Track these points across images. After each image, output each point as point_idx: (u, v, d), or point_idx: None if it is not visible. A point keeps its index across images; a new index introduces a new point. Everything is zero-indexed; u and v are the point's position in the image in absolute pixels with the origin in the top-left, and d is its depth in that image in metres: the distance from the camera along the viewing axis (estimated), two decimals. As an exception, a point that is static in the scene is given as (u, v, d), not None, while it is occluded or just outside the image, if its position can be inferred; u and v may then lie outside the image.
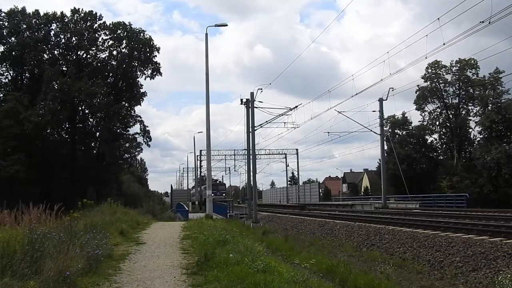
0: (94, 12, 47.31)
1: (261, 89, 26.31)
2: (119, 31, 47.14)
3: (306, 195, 47.71)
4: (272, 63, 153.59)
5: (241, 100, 27.32)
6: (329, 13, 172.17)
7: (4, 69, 46.82)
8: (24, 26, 46.54)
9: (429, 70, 50.02)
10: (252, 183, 27.03)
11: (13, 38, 45.74)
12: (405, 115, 53.87)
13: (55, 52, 47.72)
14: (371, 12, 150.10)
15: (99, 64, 47.90)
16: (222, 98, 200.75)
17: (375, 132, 33.12)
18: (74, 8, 47.02)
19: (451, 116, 51.47)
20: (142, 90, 48.94)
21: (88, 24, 46.75)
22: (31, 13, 46.87)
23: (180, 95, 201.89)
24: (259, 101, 26.73)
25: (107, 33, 47.12)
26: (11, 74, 47.59)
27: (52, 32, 47.47)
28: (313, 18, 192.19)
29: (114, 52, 47.84)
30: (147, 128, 49.15)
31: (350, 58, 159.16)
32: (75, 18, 46.60)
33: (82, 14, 46.74)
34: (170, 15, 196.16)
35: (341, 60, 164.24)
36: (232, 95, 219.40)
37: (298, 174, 58.18)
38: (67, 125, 47.19)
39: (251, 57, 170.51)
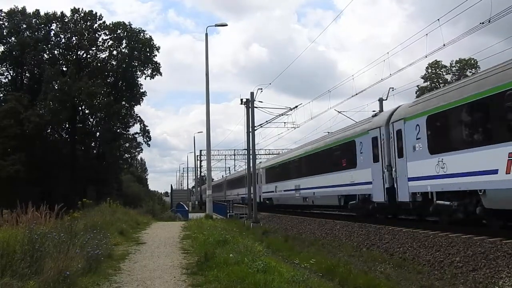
0: (94, 12, 47.35)
1: (261, 89, 26.31)
2: (119, 31, 47.08)
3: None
4: (270, 62, 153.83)
5: (241, 100, 27.32)
6: (326, 13, 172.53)
7: (4, 69, 46.84)
8: (24, 26, 46.50)
9: (429, 70, 50.04)
10: (252, 183, 27.01)
11: (13, 38, 45.69)
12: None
13: (55, 52, 47.68)
14: (367, 12, 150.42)
15: (99, 64, 47.87)
16: (220, 98, 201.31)
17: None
18: (74, 8, 47.02)
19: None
20: (142, 90, 49.04)
21: (88, 24, 46.69)
22: (31, 13, 46.83)
23: (178, 95, 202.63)
24: (259, 101, 26.72)
25: (107, 33, 47.07)
26: (11, 74, 47.58)
27: (52, 32, 47.42)
28: (310, 18, 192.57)
29: (114, 52, 47.81)
30: (147, 128, 49.24)
31: (347, 58, 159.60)
32: (75, 18, 46.56)
33: (82, 14, 46.69)
34: (166, 14, 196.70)
35: (338, 59, 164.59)
36: (230, 95, 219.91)
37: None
38: (67, 125, 47.15)
39: (248, 57, 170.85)
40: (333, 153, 19.70)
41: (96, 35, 46.86)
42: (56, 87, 42.94)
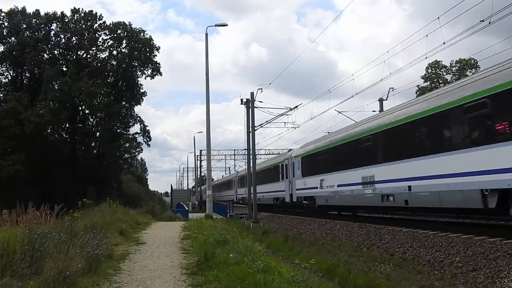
0: (94, 12, 47.42)
1: (261, 89, 26.24)
2: (119, 31, 47.17)
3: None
4: (269, 62, 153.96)
5: (241, 100, 27.31)
6: (326, 13, 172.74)
7: (4, 69, 46.97)
8: (24, 26, 46.59)
9: (429, 70, 50.06)
10: (252, 183, 26.99)
11: (13, 38, 45.78)
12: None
13: (55, 52, 47.77)
14: (367, 12, 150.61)
15: (99, 64, 47.93)
16: (220, 98, 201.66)
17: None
18: (74, 8, 47.15)
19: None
20: (142, 90, 49.10)
21: (88, 24, 46.78)
22: (31, 13, 46.97)
23: (178, 95, 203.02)
24: (259, 101, 26.70)
25: (107, 33, 47.16)
26: (11, 74, 47.67)
27: (52, 32, 47.58)
28: (310, 18, 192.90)
29: (114, 52, 47.91)
30: (147, 128, 49.29)
31: (347, 58, 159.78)
32: (75, 18, 46.65)
33: (82, 14, 46.77)
34: (166, 14, 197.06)
35: (338, 59, 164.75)
36: (230, 95, 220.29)
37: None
38: (67, 125, 47.22)
39: (248, 57, 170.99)
40: (471, 113, 10.93)
41: (96, 35, 46.96)
42: (56, 87, 43.00)
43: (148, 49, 47.57)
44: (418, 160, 12.93)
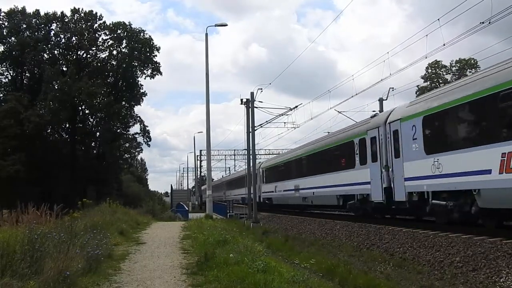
0: (94, 12, 47.42)
1: (261, 89, 26.12)
2: (119, 31, 47.14)
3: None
4: (269, 62, 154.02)
5: (241, 100, 27.30)
6: (326, 13, 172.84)
7: (4, 69, 46.94)
8: (24, 26, 46.57)
9: (429, 70, 50.06)
10: (252, 183, 26.98)
11: (13, 38, 45.76)
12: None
13: (55, 52, 47.75)
14: (367, 12, 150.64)
15: (99, 64, 47.92)
16: (220, 98, 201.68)
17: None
18: (74, 8, 47.15)
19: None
20: (142, 90, 49.09)
21: (88, 24, 46.77)
22: (31, 13, 46.94)
23: (178, 95, 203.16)
24: (259, 101, 26.65)
25: (107, 33, 47.14)
26: (11, 74, 47.65)
27: (52, 32, 47.54)
28: (309, 18, 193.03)
29: (114, 52, 47.89)
30: (147, 128, 49.27)
31: (347, 58, 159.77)
32: (75, 18, 46.64)
33: (82, 14, 46.77)
34: (166, 14, 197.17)
35: (338, 59, 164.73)
36: (230, 95, 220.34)
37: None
38: (67, 125, 47.20)
39: (248, 57, 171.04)
40: None
41: (96, 35, 46.94)
42: (56, 87, 43.00)
43: (148, 49, 47.55)
44: None
